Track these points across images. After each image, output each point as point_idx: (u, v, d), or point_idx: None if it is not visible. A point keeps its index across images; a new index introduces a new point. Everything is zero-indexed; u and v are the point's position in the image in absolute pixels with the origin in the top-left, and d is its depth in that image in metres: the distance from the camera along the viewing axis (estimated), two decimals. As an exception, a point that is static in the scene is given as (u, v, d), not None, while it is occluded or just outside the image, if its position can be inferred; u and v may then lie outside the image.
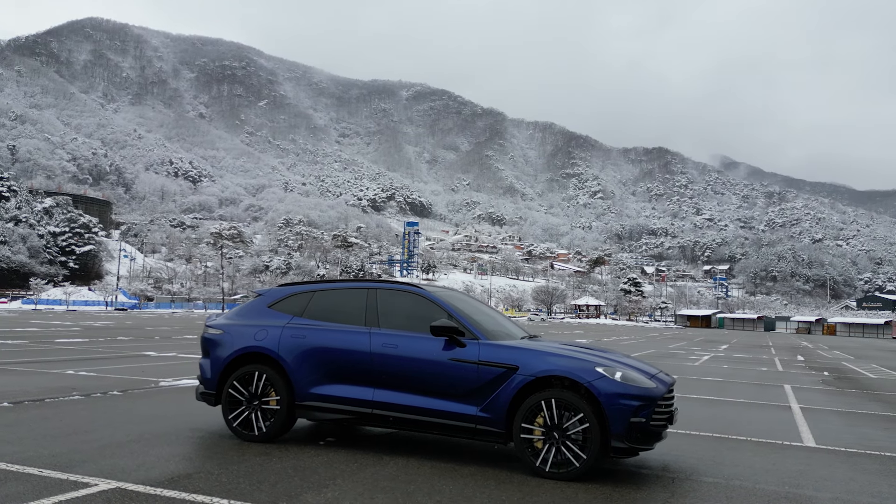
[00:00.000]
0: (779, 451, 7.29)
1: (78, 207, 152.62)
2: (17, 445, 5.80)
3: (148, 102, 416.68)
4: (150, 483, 4.79)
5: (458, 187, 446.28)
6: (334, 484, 5.03)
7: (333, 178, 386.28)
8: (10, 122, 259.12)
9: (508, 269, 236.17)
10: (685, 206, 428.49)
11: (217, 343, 6.71)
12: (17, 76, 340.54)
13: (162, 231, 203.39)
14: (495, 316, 7.10)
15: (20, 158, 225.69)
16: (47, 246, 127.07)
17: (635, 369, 5.88)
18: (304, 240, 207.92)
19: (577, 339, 36.93)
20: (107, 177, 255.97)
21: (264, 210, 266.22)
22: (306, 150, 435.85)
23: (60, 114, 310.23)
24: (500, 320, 7.04)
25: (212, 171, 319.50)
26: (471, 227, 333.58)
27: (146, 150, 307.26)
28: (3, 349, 16.59)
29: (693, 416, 9.59)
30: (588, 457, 5.47)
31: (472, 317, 6.29)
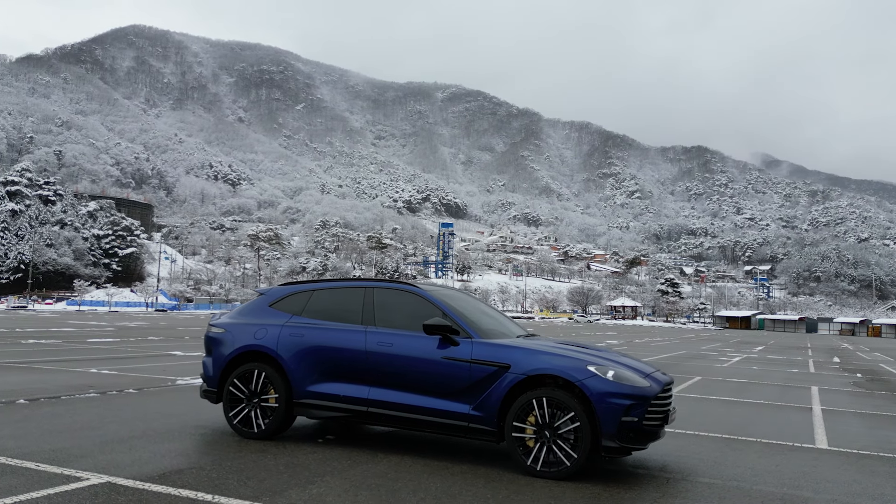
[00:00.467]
0: (786, 452, 7.13)
1: (121, 211, 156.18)
2: (21, 441, 5.96)
3: (188, 107, 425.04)
4: (140, 478, 4.88)
5: (494, 188, 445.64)
6: (322, 481, 5.07)
7: (369, 180, 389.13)
8: (56, 128, 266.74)
9: (544, 269, 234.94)
10: (725, 205, 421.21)
11: (219, 341, 6.83)
12: (63, 83, 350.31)
13: (202, 233, 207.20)
14: (493, 315, 7.08)
15: (66, 163, 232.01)
16: (91, 248, 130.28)
17: (629, 368, 5.81)
18: (340, 241, 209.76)
19: (610, 340, 36.62)
20: (149, 180, 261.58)
21: (301, 212, 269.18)
22: (343, 152, 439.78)
23: (104, 119, 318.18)
24: (499, 319, 7.02)
25: (250, 174, 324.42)
26: (506, 228, 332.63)
27: (187, 154, 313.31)
28: (36, 348, 17.08)
29: (706, 416, 9.43)
30: (579, 456, 5.42)
31: (467, 315, 6.28)
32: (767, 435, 8.08)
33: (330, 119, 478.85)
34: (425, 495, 4.82)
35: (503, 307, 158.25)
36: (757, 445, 7.41)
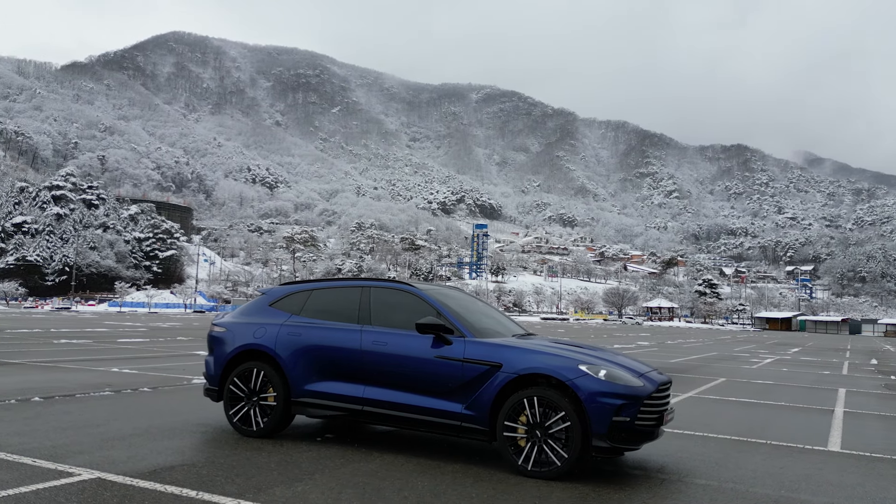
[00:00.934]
0: (794, 454, 6.95)
1: (161, 214, 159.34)
2: (26, 437, 6.10)
3: (227, 112, 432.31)
4: (130, 474, 4.94)
5: (529, 189, 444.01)
6: (311, 479, 5.08)
7: (404, 182, 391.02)
8: (99, 133, 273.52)
9: (580, 270, 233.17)
10: (766, 204, 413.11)
11: (220, 340, 6.91)
12: (106, 90, 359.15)
13: (240, 236, 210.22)
14: (491, 314, 7.03)
15: (109, 168, 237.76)
16: (133, 251, 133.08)
17: (622, 367, 5.73)
18: (375, 243, 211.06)
19: (641, 342, 36.19)
20: (189, 184, 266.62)
21: (337, 214, 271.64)
22: (378, 154, 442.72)
23: (146, 124, 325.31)
24: (497, 319, 6.97)
25: (288, 177, 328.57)
26: (541, 229, 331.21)
27: (225, 157, 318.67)
28: (66, 348, 17.53)
29: (720, 418, 9.26)
30: (570, 456, 5.36)
31: (462, 314, 6.25)
32: (779, 437, 7.90)
33: (365, 122, 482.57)
34: (410, 493, 4.82)
35: (538, 308, 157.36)
36: (765, 447, 7.24)
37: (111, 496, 4.41)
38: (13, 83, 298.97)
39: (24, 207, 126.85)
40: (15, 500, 4.25)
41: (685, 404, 10.54)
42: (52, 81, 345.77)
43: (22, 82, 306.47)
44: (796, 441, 7.70)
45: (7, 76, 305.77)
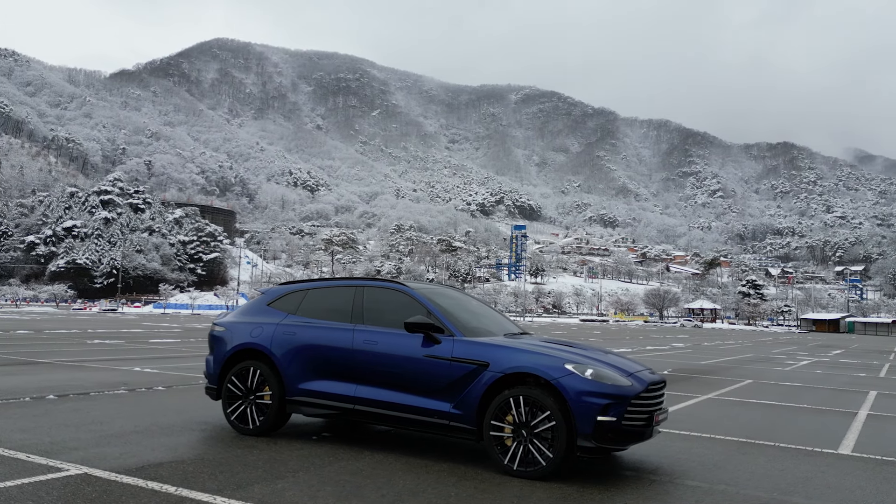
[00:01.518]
0: (800, 457, 6.76)
1: (205, 217, 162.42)
2: (28, 433, 6.26)
3: (269, 116, 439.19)
4: (118, 470, 5.02)
5: (569, 189, 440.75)
6: (293, 476, 5.09)
7: (443, 184, 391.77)
8: (146, 139, 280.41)
9: (620, 272, 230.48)
10: (814, 203, 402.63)
11: (220, 340, 7.01)
12: (152, 96, 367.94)
13: (282, 238, 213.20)
14: (485, 314, 6.97)
15: (155, 172, 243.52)
16: (177, 254, 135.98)
17: (611, 367, 5.64)
18: (414, 245, 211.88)
19: (676, 343, 35.59)
20: (232, 188, 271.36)
21: (377, 216, 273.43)
22: (417, 156, 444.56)
23: (191, 130, 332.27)
24: (492, 318, 6.90)
25: (328, 180, 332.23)
26: (581, 230, 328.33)
27: (268, 161, 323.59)
28: (97, 348, 18.00)
29: (734, 420, 9.05)
30: (555, 456, 5.30)
31: (453, 313, 6.22)
32: (791, 439, 7.68)
33: (405, 124, 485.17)
34: (388, 492, 4.81)
35: (577, 310, 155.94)
36: (772, 450, 7.05)
37: (92, 491, 4.49)
38: (64, 91, 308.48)
39: (74, 212, 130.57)
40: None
41: (701, 406, 10.34)
42: (101, 89, 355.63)
43: (72, 90, 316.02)
44: (807, 444, 7.48)
45: (58, 85, 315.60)
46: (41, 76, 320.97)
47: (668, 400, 10.67)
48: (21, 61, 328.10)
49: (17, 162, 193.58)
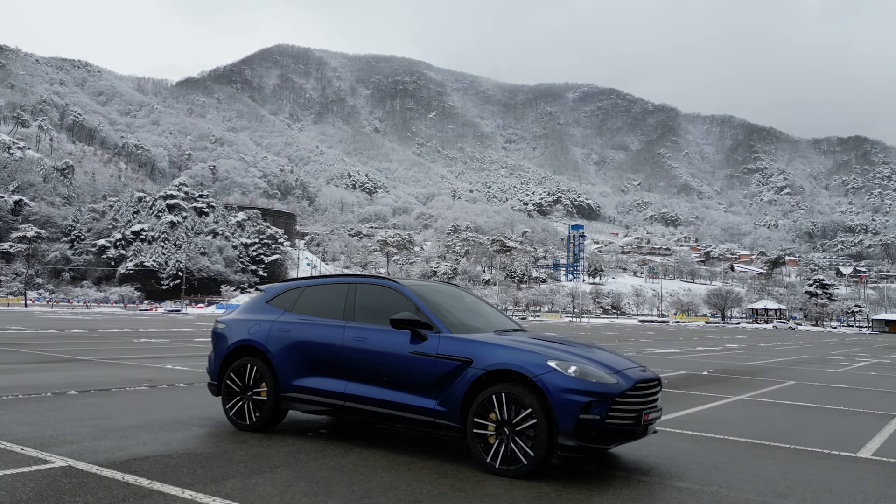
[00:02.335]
0: (813, 459, 6.43)
1: (266, 220, 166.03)
2: (33, 426, 6.43)
3: (328, 120, 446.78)
4: (101, 463, 5.09)
5: (629, 188, 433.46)
6: (272, 472, 5.07)
7: (500, 184, 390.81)
8: (210, 144, 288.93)
9: (682, 271, 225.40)
10: (889, 199, 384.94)
11: (220, 337, 7.10)
12: (216, 103, 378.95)
13: (341, 240, 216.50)
14: (482, 311, 6.84)
15: (220, 177, 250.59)
16: (240, 256, 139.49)
17: (598, 363, 5.48)
18: (470, 245, 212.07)
19: (730, 344, 34.56)
20: (293, 191, 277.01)
21: (434, 217, 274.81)
22: (473, 157, 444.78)
23: (253, 135, 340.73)
24: (487, 316, 6.77)
25: (386, 182, 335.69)
26: (642, 229, 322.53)
27: (327, 164, 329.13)
28: (141, 346, 18.59)
29: (755, 421, 8.70)
30: (536, 454, 5.17)
31: (442, 310, 6.14)
32: (809, 442, 7.33)
33: (461, 125, 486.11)
34: (360, 488, 4.76)
35: (637, 310, 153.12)
36: (785, 452, 6.73)
37: (67, 483, 4.58)
38: (133, 100, 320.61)
39: (142, 216, 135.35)
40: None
41: (728, 407, 9.99)
42: (169, 97, 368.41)
43: (141, 99, 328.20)
44: (827, 447, 7.13)
45: (128, 94, 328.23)
46: (112, 86, 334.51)
47: (696, 400, 10.42)
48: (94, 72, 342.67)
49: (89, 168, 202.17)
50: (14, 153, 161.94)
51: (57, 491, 4.39)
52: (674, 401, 10.16)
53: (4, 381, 9.66)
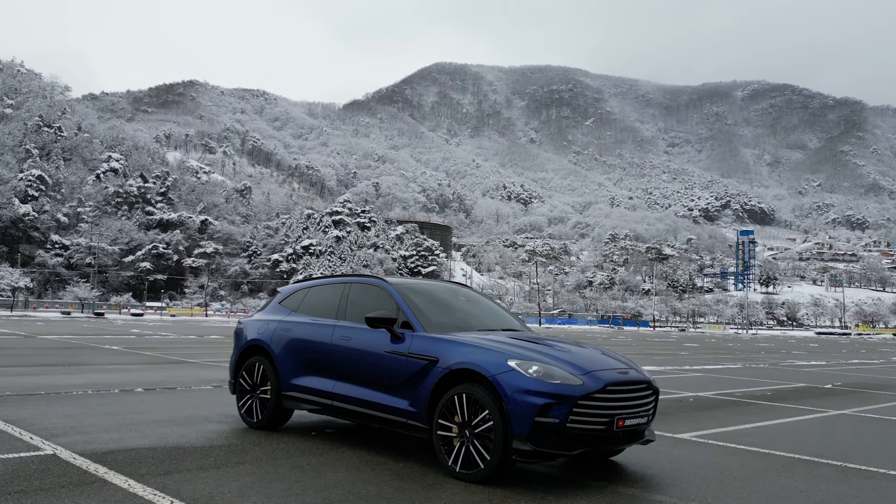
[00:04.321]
0: (853, 478, 5.54)
1: (423, 233, 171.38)
2: (64, 418, 6.89)
3: (484, 133, 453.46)
4: (83, 454, 5.36)
5: (807, 189, 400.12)
6: (234, 468, 5.10)
7: (661, 190, 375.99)
8: (374, 162, 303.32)
9: (871, 279, 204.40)
10: None
11: (238, 336, 7.34)
12: (379, 123, 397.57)
13: (496, 251, 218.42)
14: (470, 310, 6.53)
15: (382, 193, 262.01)
16: (399, 268, 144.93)
17: (567, 364, 5.06)
18: (629, 254, 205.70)
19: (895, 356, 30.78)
20: (450, 204, 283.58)
21: (591, 226, 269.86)
22: (633, 163, 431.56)
23: (413, 151, 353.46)
24: (478, 315, 6.47)
25: (541, 192, 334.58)
26: (823, 234, 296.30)
27: (483, 177, 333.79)
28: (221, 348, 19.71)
29: (831, 437, 7.66)
30: (492, 458, 4.88)
31: (421, 308, 5.97)
32: (869, 461, 6.31)
33: (619, 131, 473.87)
34: (298, 486, 4.70)
35: (816, 322, 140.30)
36: (826, 469, 5.83)
37: (37, 468, 4.88)
38: (305, 124, 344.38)
39: (311, 231, 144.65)
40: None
41: (814, 422, 8.88)
42: (336, 119, 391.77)
43: (312, 122, 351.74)
44: (847, 460, 6.33)
45: (300, 118, 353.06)
46: (286, 112, 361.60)
47: (779, 413, 9.41)
48: (270, 100, 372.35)
49: (266, 189, 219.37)
50: (201, 177, 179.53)
51: (22, 474, 4.70)
52: (748, 413, 9.25)
53: (93, 379, 10.61)
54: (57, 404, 7.87)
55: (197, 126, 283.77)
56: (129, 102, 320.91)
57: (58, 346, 18.56)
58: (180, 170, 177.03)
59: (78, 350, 17.04)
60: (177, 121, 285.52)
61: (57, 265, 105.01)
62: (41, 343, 19.48)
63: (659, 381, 13.64)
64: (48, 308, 77.10)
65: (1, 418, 6.74)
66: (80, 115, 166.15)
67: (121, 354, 16.10)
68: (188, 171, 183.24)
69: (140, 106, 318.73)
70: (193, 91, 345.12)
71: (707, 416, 8.88)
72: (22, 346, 17.61)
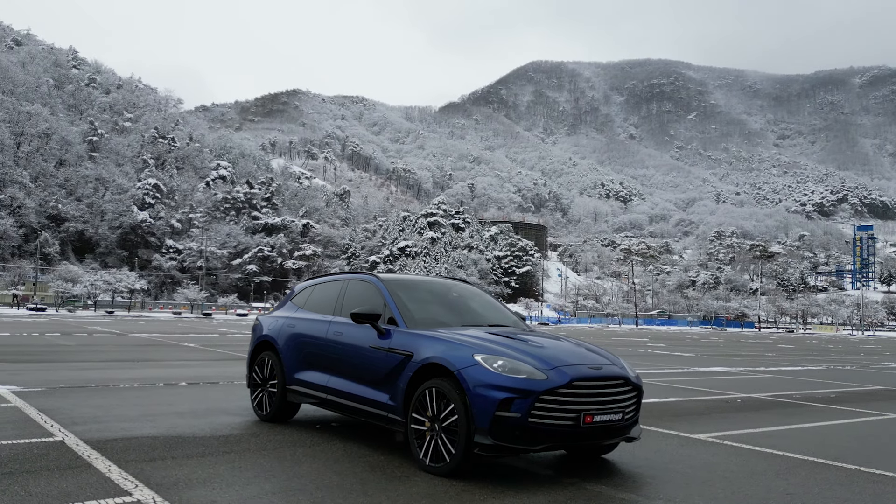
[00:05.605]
0: (826, 474, 5.29)
1: (518, 233, 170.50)
2: (93, 409, 7.34)
3: (582, 131, 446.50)
4: (89, 441, 5.68)
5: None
6: (215, 457, 5.29)
7: (771, 185, 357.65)
8: (469, 164, 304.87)
9: None
10: None
11: (253, 332, 7.63)
12: (475, 124, 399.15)
13: (594, 250, 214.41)
14: (460, 307, 6.50)
15: (477, 194, 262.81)
16: (493, 268, 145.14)
17: (536, 358, 4.98)
18: (735, 252, 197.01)
19: None
20: (546, 203, 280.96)
21: (695, 224, 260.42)
22: (740, 157, 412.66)
23: (508, 151, 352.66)
24: (463, 311, 6.42)
25: (641, 189, 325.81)
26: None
27: (580, 175, 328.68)
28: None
29: (861, 441, 7.14)
30: (456, 452, 4.89)
31: (406, 304, 6.03)
32: (877, 464, 5.84)
33: (725, 124, 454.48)
34: (272, 475, 4.83)
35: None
36: (833, 472, 5.45)
37: (38, 452, 5.25)
38: (402, 128, 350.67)
39: (406, 233, 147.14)
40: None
41: (862, 426, 8.28)
42: (432, 122, 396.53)
43: (409, 126, 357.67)
44: (857, 463, 5.93)
45: (398, 123, 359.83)
46: (384, 116, 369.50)
47: (844, 415, 8.87)
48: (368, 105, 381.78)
49: (365, 192, 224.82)
50: (303, 182, 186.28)
51: (20, 458, 5.08)
52: (791, 415, 8.81)
53: (147, 374, 11.26)
54: (97, 396, 8.44)
55: (300, 133, 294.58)
56: (238, 112, 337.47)
57: (141, 343, 19.81)
58: (283, 176, 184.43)
59: (155, 347, 18.14)
60: (281, 129, 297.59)
61: (171, 268, 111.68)
62: (128, 341, 20.84)
63: (717, 381, 13.10)
64: (162, 309, 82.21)
65: (39, 408, 7.30)
66: (192, 126, 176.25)
67: (193, 351, 17.02)
68: (291, 176, 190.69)
69: (247, 115, 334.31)
70: (297, 100, 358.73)
71: (743, 418, 8.48)
72: (108, 344, 18.92)
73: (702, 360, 19.98)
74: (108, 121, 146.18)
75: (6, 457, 5.13)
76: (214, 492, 4.39)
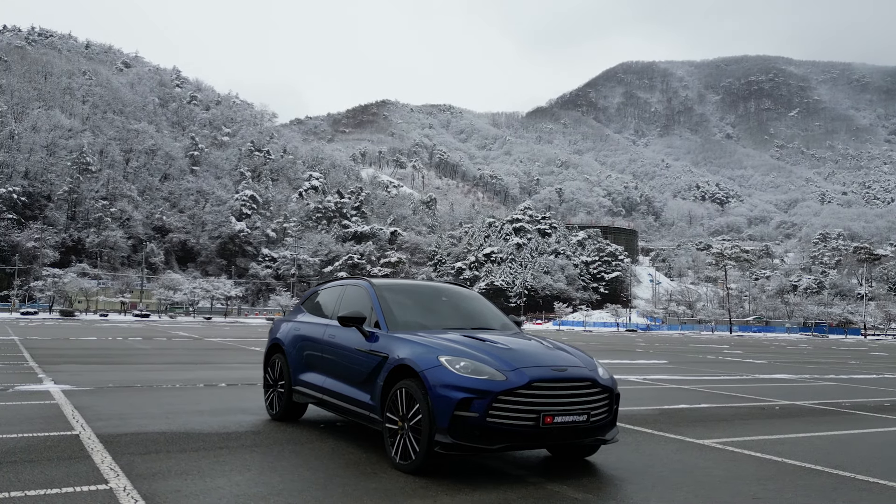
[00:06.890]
0: (813, 480, 5.10)
1: (606, 238, 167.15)
2: (126, 406, 7.85)
3: (675, 132, 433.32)
4: (101, 436, 6.03)
5: None
6: (206, 451, 5.61)
7: (882, 183, 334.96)
8: (557, 168, 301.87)
9: None
10: None
11: (269, 335, 8.04)
12: (563, 128, 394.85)
13: (688, 255, 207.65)
14: (446, 311, 6.60)
15: (565, 199, 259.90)
16: (581, 274, 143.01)
17: (498, 360, 5.08)
18: (842, 255, 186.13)
19: None
20: (637, 207, 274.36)
21: (797, 226, 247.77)
22: (847, 155, 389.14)
23: (597, 155, 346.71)
24: (450, 316, 6.51)
25: (739, 190, 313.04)
26: None
27: (673, 178, 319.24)
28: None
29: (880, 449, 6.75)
30: (420, 450, 5.04)
31: (391, 308, 6.21)
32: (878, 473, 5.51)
33: (830, 121, 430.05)
34: (248, 469, 5.10)
35: None
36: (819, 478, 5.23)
37: (48, 445, 5.67)
38: (489, 134, 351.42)
39: (492, 239, 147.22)
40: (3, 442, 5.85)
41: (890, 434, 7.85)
42: (519, 128, 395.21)
43: (496, 132, 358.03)
44: (856, 471, 5.64)
45: (484, 129, 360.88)
46: (471, 124, 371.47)
47: (882, 424, 8.33)
48: (455, 113, 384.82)
49: (451, 199, 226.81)
50: (391, 191, 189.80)
51: (32, 448, 5.55)
52: (823, 423, 8.43)
53: (196, 375, 11.89)
54: (135, 395, 9.05)
55: (389, 143, 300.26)
56: (330, 124, 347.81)
57: (211, 347, 20.86)
58: (372, 185, 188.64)
59: (220, 351, 19.07)
60: (371, 139, 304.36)
61: (266, 276, 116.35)
62: (200, 345, 21.99)
63: (768, 389, 12.60)
64: (257, 315, 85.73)
65: (76, 405, 7.92)
66: (286, 139, 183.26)
67: (252, 354, 17.79)
68: (379, 185, 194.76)
69: (339, 127, 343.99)
70: (386, 110, 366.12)
71: (766, 424, 8.18)
72: (179, 348, 20.04)
73: (771, 367, 19.16)
74: (207, 136, 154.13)
75: (20, 447, 5.64)
76: (185, 483, 4.70)
